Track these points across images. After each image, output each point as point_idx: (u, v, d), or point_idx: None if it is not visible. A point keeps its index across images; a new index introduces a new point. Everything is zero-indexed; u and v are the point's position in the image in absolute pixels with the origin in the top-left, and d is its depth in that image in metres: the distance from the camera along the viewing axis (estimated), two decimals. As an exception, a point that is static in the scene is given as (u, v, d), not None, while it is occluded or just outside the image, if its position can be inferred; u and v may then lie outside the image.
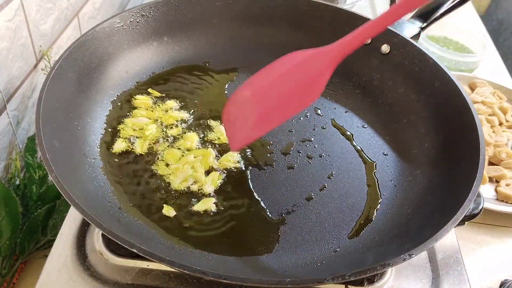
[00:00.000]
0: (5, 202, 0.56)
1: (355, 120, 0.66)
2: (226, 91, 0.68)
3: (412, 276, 0.52)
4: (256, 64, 0.73)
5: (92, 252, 0.50)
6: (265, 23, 0.74)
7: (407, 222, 0.52)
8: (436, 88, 0.62)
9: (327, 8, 0.72)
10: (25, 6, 0.62)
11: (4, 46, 0.59)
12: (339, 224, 0.53)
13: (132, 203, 0.51)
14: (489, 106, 0.86)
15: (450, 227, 0.43)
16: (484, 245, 0.69)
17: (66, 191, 0.41)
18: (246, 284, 0.38)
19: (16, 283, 0.60)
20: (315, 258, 0.49)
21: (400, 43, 0.66)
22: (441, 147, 0.58)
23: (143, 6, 0.67)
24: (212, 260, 0.47)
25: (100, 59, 0.62)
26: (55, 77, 0.53)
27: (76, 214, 0.53)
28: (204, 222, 0.51)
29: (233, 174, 0.56)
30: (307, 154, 0.60)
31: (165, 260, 0.38)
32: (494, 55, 1.13)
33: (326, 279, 0.38)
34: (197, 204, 0.52)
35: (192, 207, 0.51)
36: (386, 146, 0.63)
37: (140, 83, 0.66)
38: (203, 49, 0.73)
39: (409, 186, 0.57)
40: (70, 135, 0.54)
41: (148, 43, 0.68)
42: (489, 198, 0.71)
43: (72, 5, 0.76)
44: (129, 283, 0.48)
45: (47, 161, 0.43)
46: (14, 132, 0.65)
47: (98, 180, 0.52)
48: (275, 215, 0.52)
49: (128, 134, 0.58)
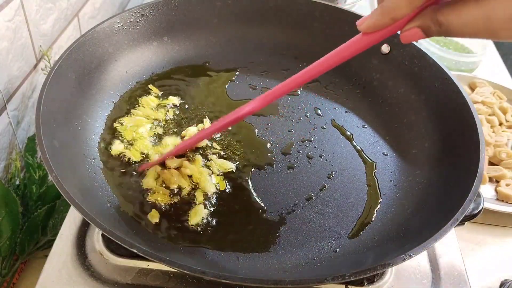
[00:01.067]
0: (5, 202, 0.56)
1: (355, 120, 0.66)
2: (226, 91, 0.68)
3: (412, 276, 0.52)
4: (256, 64, 0.74)
5: (92, 252, 0.50)
6: (265, 23, 0.74)
7: (407, 222, 0.52)
8: (436, 88, 0.62)
9: (327, 8, 0.72)
10: (25, 6, 0.62)
11: (4, 46, 0.59)
12: (339, 224, 0.53)
13: (132, 203, 0.51)
14: (489, 106, 0.86)
15: (450, 227, 0.43)
16: (484, 245, 0.69)
17: (66, 191, 0.41)
18: (246, 284, 0.38)
19: (16, 283, 0.60)
20: (315, 258, 0.49)
21: (400, 43, 0.65)
22: (441, 147, 0.58)
23: (143, 6, 0.67)
24: (212, 260, 0.47)
25: (100, 59, 0.62)
26: (55, 77, 0.53)
27: (76, 214, 0.53)
28: (203, 222, 0.51)
29: (233, 174, 0.56)
30: (307, 154, 0.60)
31: (165, 260, 0.38)
32: (494, 55, 1.13)
33: (326, 279, 0.38)
34: (191, 216, 0.51)
35: (188, 216, 0.51)
36: (386, 146, 0.63)
37: (140, 83, 0.66)
38: (203, 49, 0.73)
39: (409, 186, 0.57)
40: (70, 135, 0.54)
41: (148, 43, 0.68)
42: (489, 198, 0.71)
43: (72, 5, 0.76)
44: (129, 283, 0.48)
45: (47, 161, 0.43)
46: (14, 132, 0.65)
47: (98, 180, 0.52)
48: (275, 215, 0.52)
49: (126, 136, 0.58)
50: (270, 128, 0.63)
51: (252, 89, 0.69)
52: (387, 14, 0.33)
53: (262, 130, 0.63)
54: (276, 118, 0.65)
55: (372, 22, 0.34)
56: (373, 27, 0.35)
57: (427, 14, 0.32)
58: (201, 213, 0.51)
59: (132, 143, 0.57)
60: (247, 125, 0.63)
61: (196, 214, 0.51)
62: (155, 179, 0.54)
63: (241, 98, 0.67)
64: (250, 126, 0.63)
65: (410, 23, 0.33)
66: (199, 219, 0.51)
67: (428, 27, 0.32)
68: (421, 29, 0.33)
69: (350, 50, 0.38)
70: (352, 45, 0.38)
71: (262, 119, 0.64)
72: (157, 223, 0.50)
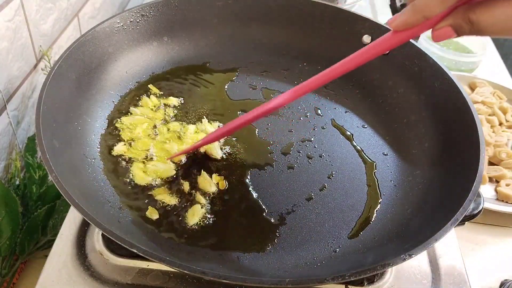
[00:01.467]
0: (5, 202, 0.56)
1: (355, 120, 0.66)
2: (226, 91, 0.68)
3: (412, 276, 0.52)
4: (256, 64, 0.74)
5: (92, 252, 0.50)
6: (265, 23, 0.74)
7: (407, 222, 0.52)
8: (436, 88, 0.62)
9: (327, 8, 0.72)
10: (25, 6, 0.62)
11: (4, 46, 0.59)
12: (339, 224, 0.53)
13: (132, 203, 0.51)
14: (489, 106, 0.86)
15: (450, 227, 0.43)
16: (484, 245, 0.69)
17: (66, 191, 0.41)
18: (246, 284, 0.38)
19: (16, 283, 0.60)
20: (315, 258, 0.49)
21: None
22: (441, 147, 0.58)
23: (143, 6, 0.67)
24: (212, 260, 0.47)
25: (100, 59, 0.62)
26: (55, 77, 0.53)
27: (76, 214, 0.53)
28: (203, 222, 0.51)
29: (233, 174, 0.56)
30: (307, 154, 0.60)
31: (165, 260, 0.38)
32: (494, 55, 1.13)
33: (326, 279, 0.38)
34: (188, 216, 0.51)
35: (185, 216, 0.51)
36: (386, 146, 0.63)
37: (140, 83, 0.66)
38: (203, 49, 0.73)
39: (409, 186, 0.57)
40: (70, 135, 0.54)
41: (148, 43, 0.68)
42: (489, 198, 0.71)
43: (72, 5, 0.76)
44: (129, 283, 0.48)
45: (47, 161, 0.43)
46: (14, 132, 0.65)
47: (98, 180, 0.52)
48: (275, 215, 0.52)
49: (126, 136, 0.58)
50: (270, 128, 0.63)
51: (252, 89, 0.69)
52: (419, 12, 0.33)
53: (262, 130, 0.63)
54: (276, 118, 0.65)
55: (404, 20, 0.35)
56: (404, 25, 0.35)
57: (459, 13, 0.33)
58: (198, 213, 0.51)
59: (132, 143, 0.57)
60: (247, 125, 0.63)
61: (194, 215, 0.51)
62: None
63: (241, 98, 0.67)
64: (250, 126, 0.63)
65: (442, 21, 0.34)
66: (197, 219, 0.50)
67: (460, 26, 0.33)
68: (453, 28, 0.33)
69: (381, 47, 0.39)
70: (382, 43, 0.39)
71: (262, 119, 0.64)
72: (157, 223, 0.50)
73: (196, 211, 0.51)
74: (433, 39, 0.35)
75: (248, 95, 0.68)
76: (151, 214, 0.50)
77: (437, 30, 0.34)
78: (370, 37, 0.68)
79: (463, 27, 0.33)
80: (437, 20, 0.34)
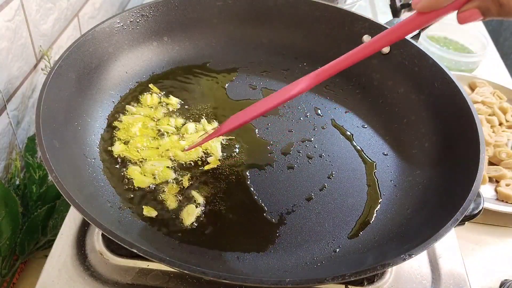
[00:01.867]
0: (5, 202, 0.56)
1: (355, 120, 0.66)
2: (226, 91, 0.68)
3: (412, 276, 0.52)
4: (256, 64, 0.74)
5: (92, 252, 0.50)
6: (265, 23, 0.74)
7: (407, 222, 0.52)
8: (436, 88, 0.62)
9: (327, 8, 0.72)
10: (25, 6, 0.62)
11: (4, 46, 0.59)
12: (339, 224, 0.53)
13: (132, 202, 0.51)
14: (489, 106, 0.86)
15: (450, 227, 0.43)
16: (484, 245, 0.69)
17: (66, 191, 0.41)
18: (246, 284, 0.38)
19: (16, 283, 0.60)
20: (315, 258, 0.49)
21: (400, 43, 0.66)
22: (441, 147, 0.58)
23: (143, 6, 0.67)
24: (212, 260, 0.47)
25: (100, 59, 0.62)
26: (55, 77, 0.53)
27: (76, 214, 0.53)
28: (203, 222, 0.51)
29: (233, 174, 0.56)
30: (307, 154, 0.60)
31: (165, 260, 0.38)
32: (494, 55, 1.13)
33: (326, 279, 0.38)
34: (184, 216, 0.51)
35: (181, 214, 0.51)
36: (386, 146, 0.63)
37: (140, 83, 0.66)
38: (203, 49, 0.73)
39: (409, 186, 0.57)
40: (70, 135, 0.54)
41: (148, 43, 0.68)
42: (489, 198, 0.71)
43: (72, 5, 0.76)
44: (129, 283, 0.48)
45: (47, 161, 0.43)
46: (14, 132, 0.65)
47: (98, 180, 0.52)
48: (275, 215, 0.52)
49: (126, 136, 0.58)
50: (270, 128, 0.63)
51: (252, 89, 0.69)
52: None
53: (262, 130, 0.63)
54: (276, 118, 0.65)
55: (429, 1, 0.34)
56: (429, 7, 0.34)
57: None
58: (193, 213, 0.51)
59: (132, 143, 0.57)
60: (247, 125, 0.63)
61: (189, 214, 0.51)
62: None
63: (241, 98, 0.67)
64: (250, 126, 0.63)
65: (468, 3, 0.33)
66: (192, 219, 0.50)
67: (487, 8, 0.32)
68: (480, 10, 0.32)
69: (407, 28, 0.38)
70: (406, 24, 0.38)
71: (262, 119, 0.64)
72: (157, 223, 0.50)
73: (190, 210, 0.51)
74: (459, 21, 0.34)
75: (248, 95, 0.68)
76: (149, 212, 0.50)
77: (462, 12, 0.33)
78: (370, 37, 0.68)
79: (490, 9, 0.32)
80: (463, 2, 0.33)
